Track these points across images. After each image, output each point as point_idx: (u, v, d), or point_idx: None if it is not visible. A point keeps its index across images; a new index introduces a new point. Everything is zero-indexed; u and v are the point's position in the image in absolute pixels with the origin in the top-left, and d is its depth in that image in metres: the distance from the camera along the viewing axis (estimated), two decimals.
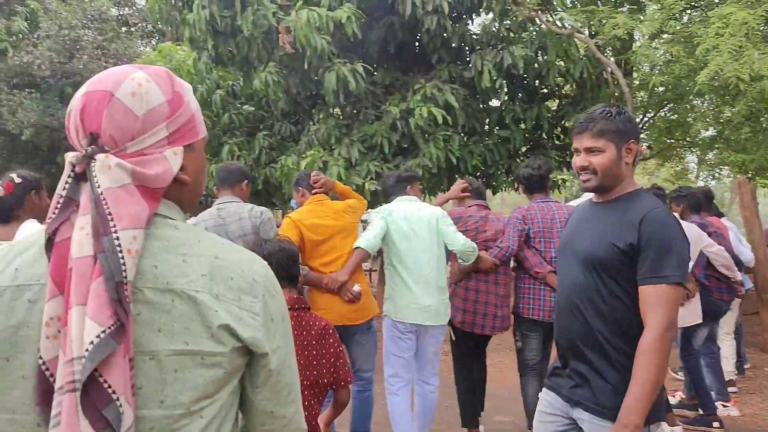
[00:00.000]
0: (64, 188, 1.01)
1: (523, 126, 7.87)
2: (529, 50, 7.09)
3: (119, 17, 16.53)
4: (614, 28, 5.74)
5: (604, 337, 2.12)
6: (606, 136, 2.15)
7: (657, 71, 7.05)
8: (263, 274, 1.10)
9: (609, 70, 6.42)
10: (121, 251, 0.95)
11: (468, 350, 4.40)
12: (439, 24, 6.67)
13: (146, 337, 0.96)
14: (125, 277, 0.94)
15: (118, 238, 0.95)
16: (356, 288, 3.83)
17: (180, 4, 7.43)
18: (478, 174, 8.14)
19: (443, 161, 7.00)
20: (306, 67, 6.77)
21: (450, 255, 4.21)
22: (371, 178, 7.02)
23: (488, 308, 4.21)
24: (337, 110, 8.06)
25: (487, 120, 7.96)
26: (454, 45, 7.14)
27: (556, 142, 8.52)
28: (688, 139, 8.81)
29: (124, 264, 0.94)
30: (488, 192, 7.97)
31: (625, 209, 2.15)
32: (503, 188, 8.32)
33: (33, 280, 1.00)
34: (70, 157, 1.02)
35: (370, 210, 4.80)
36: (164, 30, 12.15)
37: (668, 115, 8.86)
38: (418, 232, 3.97)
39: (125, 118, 1.02)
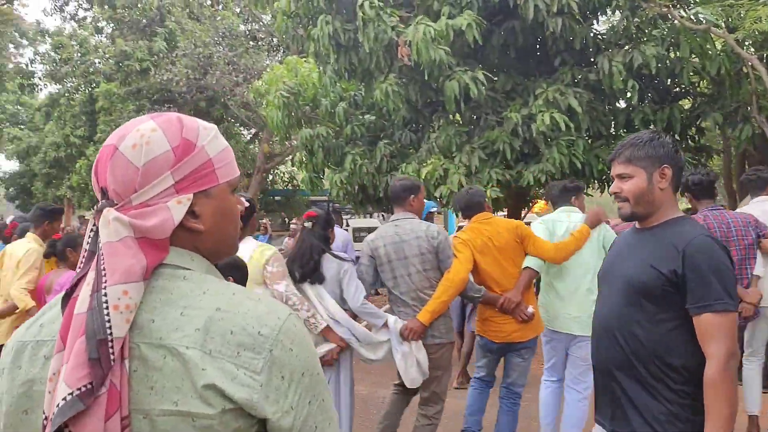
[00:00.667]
0: (87, 241, 1.03)
1: (653, 128, 7.48)
2: (661, 48, 6.72)
3: (247, 33, 17.42)
4: (756, 22, 5.34)
5: (642, 365, 2.09)
6: (635, 162, 2.16)
7: None
8: (276, 327, 0.98)
9: (750, 65, 5.97)
10: (107, 308, 0.92)
11: None
12: (565, 25, 6.49)
13: (141, 394, 0.93)
14: (110, 334, 0.91)
15: (105, 294, 0.93)
16: (530, 309, 4.03)
17: (305, 20, 7.70)
18: (604, 179, 7.83)
19: (567, 167, 6.80)
20: (426, 78, 6.82)
21: None
22: (492, 186, 6.95)
23: None
24: (457, 117, 8.05)
25: (614, 123, 7.64)
26: (577, 47, 6.90)
27: (690, 143, 8.02)
28: None
29: (109, 321, 0.91)
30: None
31: (667, 235, 2.13)
32: None
33: (50, 337, 1.00)
34: (92, 211, 1.06)
35: (530, 219, 4.80)
36: (289, 44, 12.68)
37: None
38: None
39: (126, 171, 1.00)
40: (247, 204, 3.48)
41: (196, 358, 0.93)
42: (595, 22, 7.52)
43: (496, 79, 7.59)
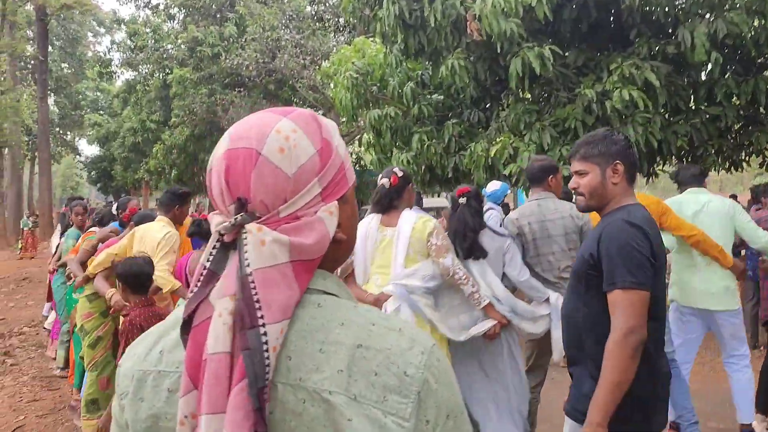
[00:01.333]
0: (209, 259, 0.90)
1: (736, 101, 7.12)
2: (746, 16, 6.36)
3: (313, 14, 17.55)
4: None
5: (584, 346, 2.29)
6: (589, 159, 2.35)
7: None
8: (422, 365, 0.87)
9: None
10: (267, 350, 0.81)
11: None
12: None
13: None
14: (267, 380, 0.81)
15: (265, 334, 0.82)
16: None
17: (372, 1, 7.68)
18: (683, 155, 7.52)
19: (643, 144, 6.56)
20: (498, 51, 6.68)
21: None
22: (564, 163, 6.79)
23: None
24: (527, 95, 7.88)
25: (693, 97, 7.31)
26: (655, 18, 6.61)
27: None
28: None
29: (268, 365, 0.81)
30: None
31: (600, 223, 2.36)
32: (715, 169, 7.62)
33: (173, 367, 0.91)
34: (217, 225, 0.90)
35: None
36: (356, 24, 12.70)
37: None
38: (709, 225, 4.08)
39: (276, 180, 0.89)
40: (401, 174, 3.65)
41: (342, 404, 0.83)
42: None
43: (567, 54, 7.37)
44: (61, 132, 41.42)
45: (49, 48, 29.94)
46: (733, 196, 12.59)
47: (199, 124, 17.47)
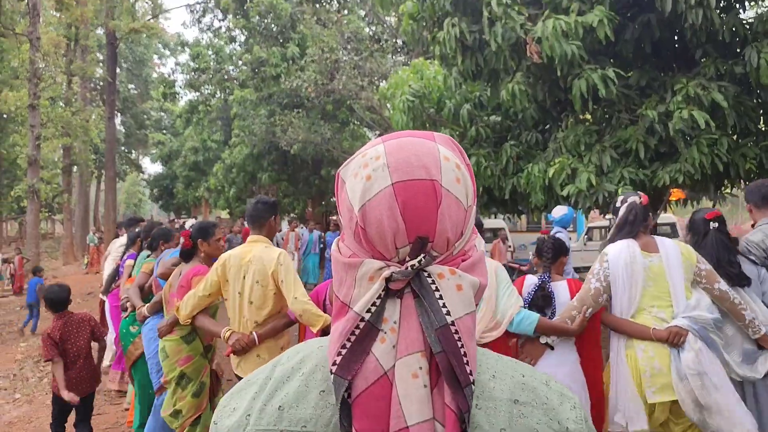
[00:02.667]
0: (369, 310, 0.77)
1: None
2: None
3: (372, 35, 17.79)
4: None
5: None
6: None
7: None
8: (579, 419, 0.82)
9: None
10: (470, 408, 0.73)
11: None
12: (705, 17, 6.09)
13: None
14: None
15: (473, 392, 0.74)
16: None
17: (430, 23, 7.75)
18: (752, 178, 7.27)
19: (708, 167, 6.38)
20: (558, 74, 6.64)
21: None
22: (625, 185, 6.65)
23: None
24: (587, 116, 7.78)
25: (763, 118, 7.07)
26: (722, 38, 6.45)
27: None
28: None
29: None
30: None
31: None
32: None
33: (298, 426, 0.79)
34: (383, 270, 0.78)
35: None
36: (414, 46, 12.82)
37: None
38: None
39: (458, 214, 0.82)
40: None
41: None
42: (741, 11, 6.99)
43: (629, 75, 7.26)
44: (126, 150, 42.99)
45: (117, 70, 31.21)
46: None
47: (258, 144, 17.87)
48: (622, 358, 3.27)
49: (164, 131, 36.49)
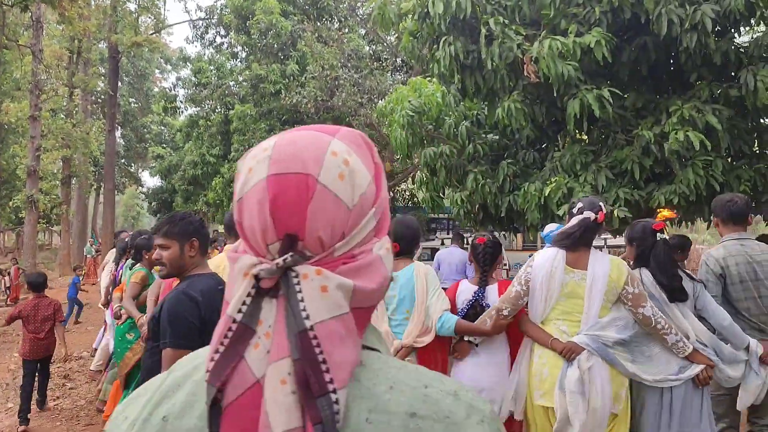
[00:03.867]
0: (240, 310, 0.72)
1: None
2: None
3: (372, 54, 17.93)
4: None
5: None
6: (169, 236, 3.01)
7: None
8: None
9: None
10: (338, 420, 0.67)
11: None
12: (700, 41, 6.17)
13: None
14: None
15: (337, 401, 0.67)
16: None
17: (430, 41, 7.83)
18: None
19: (703, 188, 6.43)
20: (555, 95, 6.71)
21: None
22: (620, 206, 6.70)
23: None
24: (583, 136, 7.85)
25: (757, 141, 7.14)
26: (717, 62, 6.54)
27: None
28: None
29: None
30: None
31: None
32: None
33: None
34: (254, 267, 0.73)
35: None
36: (412, 63, 12.93)
37: None
38: None
39: (336, 212, 0.75)
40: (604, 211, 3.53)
41: None
42: (736, 35, 7.09)
43: (626, 96, 7.34)
44: (125, 163, 43.06)
45: (119, 83, 31.39)
46: None
47: None
48: (526, 357, 3.47)
49: (164, 145, 36.55)
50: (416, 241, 3.82)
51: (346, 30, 19.18)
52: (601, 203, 3.40)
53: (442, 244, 15.21)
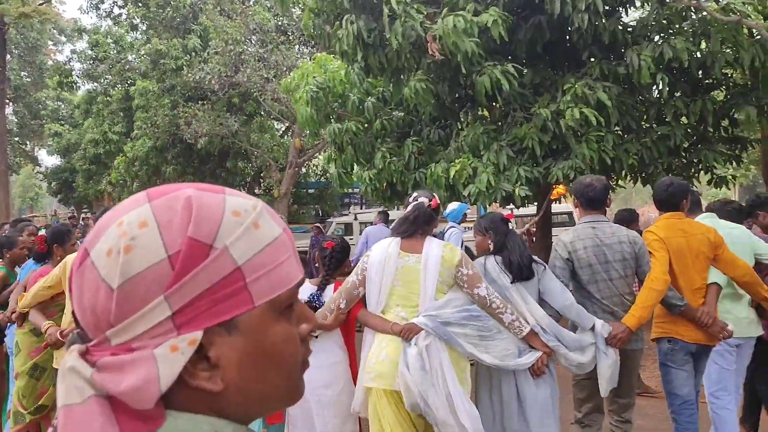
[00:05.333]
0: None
1: (685, 120, 7.38)
2: (692, 41, 6.61)
3: (278, 27, 17.53)
4: None
5: None
6: None
7: None
8: None
9: None
10: None
11: None
12: (591, 21, 6.42)
13: None
14: None
15: None
16: (730, 328, 3.78)
17: (331, 18, 7.75)
18: (635, 173, 7.75)
19: (596, 162, 6.75)
20: (462, 71, 6.80)
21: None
22: (521, 184, 6.92)
23: None
24: (485, 113, 8.03)
25: (645, 116, 7.55)
26: (606, 41, 6.83)
27: (723, 134, 7.88)
28: None
29: None
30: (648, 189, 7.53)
31: None
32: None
33: None
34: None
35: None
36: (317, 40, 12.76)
37: None
38: (739, 252, 3.92)
39: (96, 294, 0.64)
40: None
41: None
42: (624, 14, 7.41)
43: (525, 72, 7.54)
44: (19, 141, 40.50)
45: (8, 56, 29.33)
46: None
47: (162, 137, 17.30)
48: (366, 348, 3.52)
49: (62, 122, 34.59)
50: None
51: (251, 2, 18.66)
52: (434, 194, 3.56)
53: (355, 218, 15.27)
